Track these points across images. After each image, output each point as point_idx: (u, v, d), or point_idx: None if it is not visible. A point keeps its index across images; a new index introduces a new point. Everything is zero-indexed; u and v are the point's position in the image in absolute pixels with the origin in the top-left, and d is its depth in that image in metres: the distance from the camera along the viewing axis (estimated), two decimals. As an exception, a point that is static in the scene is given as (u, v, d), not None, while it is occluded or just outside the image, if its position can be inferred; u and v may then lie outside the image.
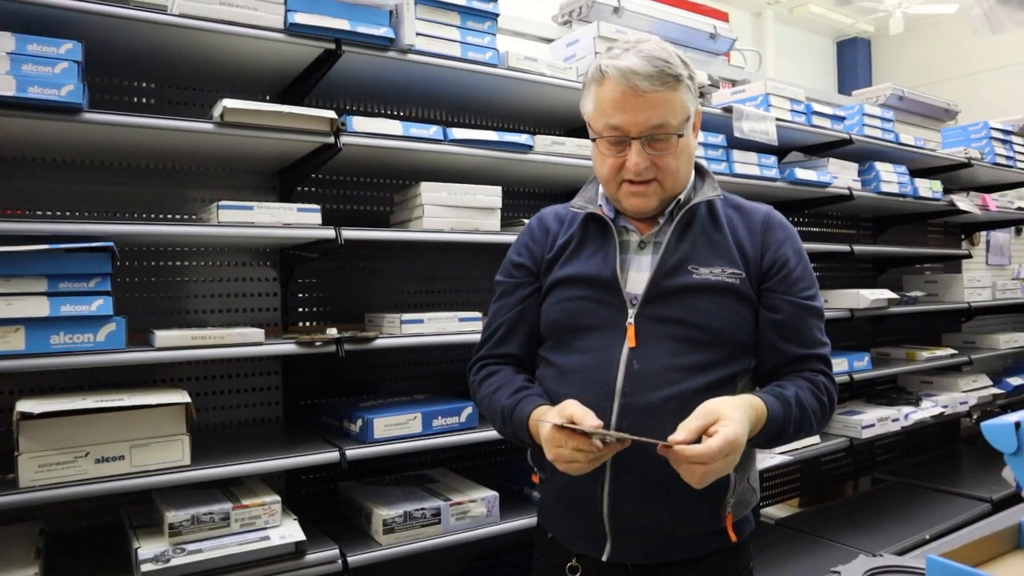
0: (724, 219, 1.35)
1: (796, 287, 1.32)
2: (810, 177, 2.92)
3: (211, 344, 1.78)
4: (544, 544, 1.43)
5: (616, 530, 1.27)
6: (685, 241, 1.31)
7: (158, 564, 1.65)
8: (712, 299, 1.28)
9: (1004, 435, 1.02)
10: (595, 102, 1.27)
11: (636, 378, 1.25)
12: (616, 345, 1.28)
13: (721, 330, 1.27)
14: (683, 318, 1.27)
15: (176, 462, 1.73)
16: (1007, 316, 4.80)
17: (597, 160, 1.32)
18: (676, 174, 1.29)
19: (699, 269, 1.28)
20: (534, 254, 1.42)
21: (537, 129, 2.69)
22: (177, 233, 1.77)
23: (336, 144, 1.91)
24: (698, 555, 1.30)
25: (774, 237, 1.33)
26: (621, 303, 1.29)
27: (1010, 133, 4.04)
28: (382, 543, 1.94)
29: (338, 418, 2.09)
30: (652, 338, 1.27)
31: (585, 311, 1.32)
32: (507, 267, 1.46)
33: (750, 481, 1.35)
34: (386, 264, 2.46)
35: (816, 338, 1.33)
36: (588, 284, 1.33)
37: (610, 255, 1.32)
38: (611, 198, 1.34)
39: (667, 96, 1.23)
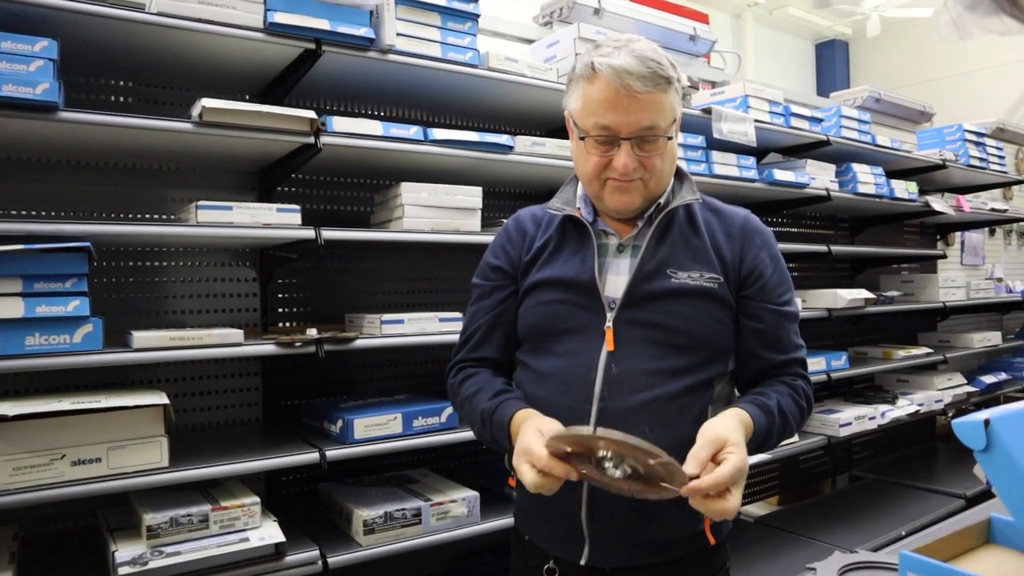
0: (703, 223, 1.34)
1: (774, 293, 1.34)
2: (788, 178, 2.95)
3: (190, 345, 1.76)
4: (521, 546, 1.43)
5: (594, 534, 1.27)
6: (664, 245, 1.30)
7: (136, 567, 1.63)
8: (690, 303, 1.28)
9: (974, 432, 1.04)
10: (583, 100, 1.26)
11: (614, 382, 1.25)
12: (594, 349, 1.27)
13: (699, 334, 1.28)
14: (661, 322, 1.27)
15: (154, 464, 1.72)
16: (981, 315, 4.87)
17: (581, 158, 1.30)
18: (661, 175, 1.29)
19: (677, 273, 1.28)
20: (511, 256, 1.41)
21: (517, 130, 2.69)
22: (155, 233, 1.76)
23: (316, 144, 1.91)
24: (676, 557, 1.30)
25: (752, 243, 1.34)
26: (599, 307, 1.29)
27: (983, 135, 4.10)
28: (362, 544, 1.94)
29: (318, 419, 2.08)
30: (630, 342, 1.27)
31: (563, 314, 1.32)
32: (484, 270, 1.45)
33: None
34: (367, 264, 2.46)
35: (794, 342, 1.35)
36: (566, 287, 1.32)
37: (588, 258, 1.31)
38: (593, 196, 1.34)
39: (658, 98, 1.22)
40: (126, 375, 2.05)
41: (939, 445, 4.36)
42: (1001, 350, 4.32)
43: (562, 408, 1.27)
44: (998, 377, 4.19)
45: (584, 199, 1.38)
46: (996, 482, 1.01)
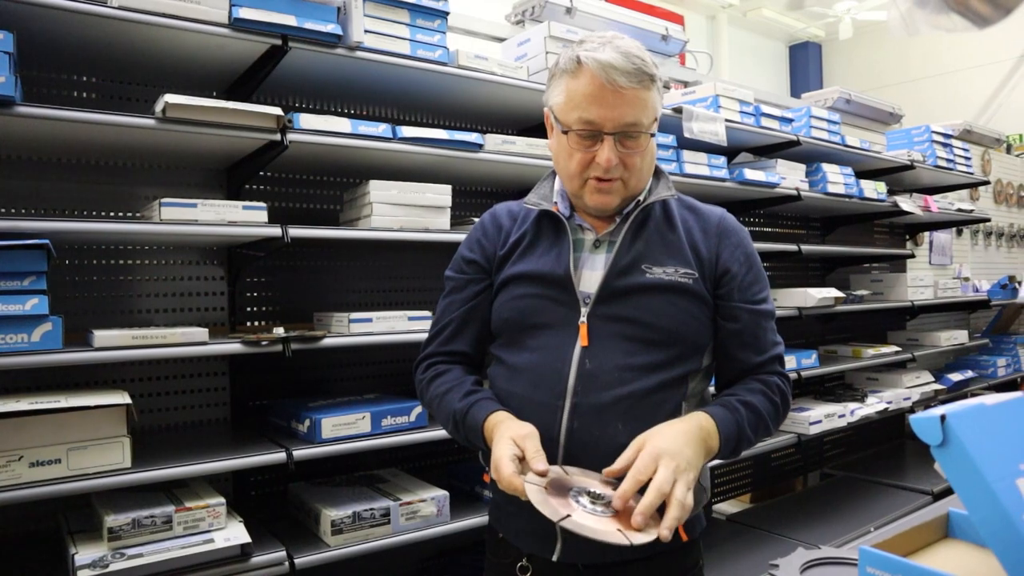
0: (679, 220, 1.35)
1: (750, 292, 1.34)
2: (759, 177, 2.97)
3: (153, 344, 1.74)
4: (495, 544, 1.42)
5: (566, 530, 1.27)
6: (639, 240, 1.31)
7: (96, 570, 1.60)
8: (665, 299, 1.28)
9: (930, 428, 1.05)
10: (567, 94, 1.25)
11: (588, 377, 1.25)
12: (568, 344, 1.27)
13: (673, 330, 1.28)
14: (635, 317, 1.27)
15: (116, 465, 1.69)
16: (949, 314, 4.95)
17: (562, 154, 1.29)
18: (640, 174, 1.29)
19: (652, 269, 1.29)
20: (486, 250, 1.41)
21: (488, 128, 2.69)
22: (117, 231, 1.72)
23: (283, 141, 1.88)
24: (649, 554, 1.27)
25: (728, 241, 1.34)
26: (574, 302, 1.29)
27: (950, 137, 4.17)
28: (330, 544, 1.92)
29: (286, 418, 2.06)
30: (604, 337, 1.26)
31: (537, 309, 1.31)
32: (458, 263, 1.44)
33: (701, 481, 1.34)
34: (336, 264, 2.44)
35: (771, 340, 1.36)
36: (540, 282, 1.32)
37: (564, 253, 1.31)
38: (572, 194, 1.33)
39: (642, 95, 1.22)
40: (90, 375, 2.02)
41: (908, 442, 4.42)
42: (968, 348, 4.40)
43: (535, 403, 1.27)
44: (965, 375, 4.26)
45: (561, 194, 1.37)
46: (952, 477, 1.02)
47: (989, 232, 5.51)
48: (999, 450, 1.05)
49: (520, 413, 1.29)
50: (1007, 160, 5.75)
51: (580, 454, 1.23)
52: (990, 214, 4.78)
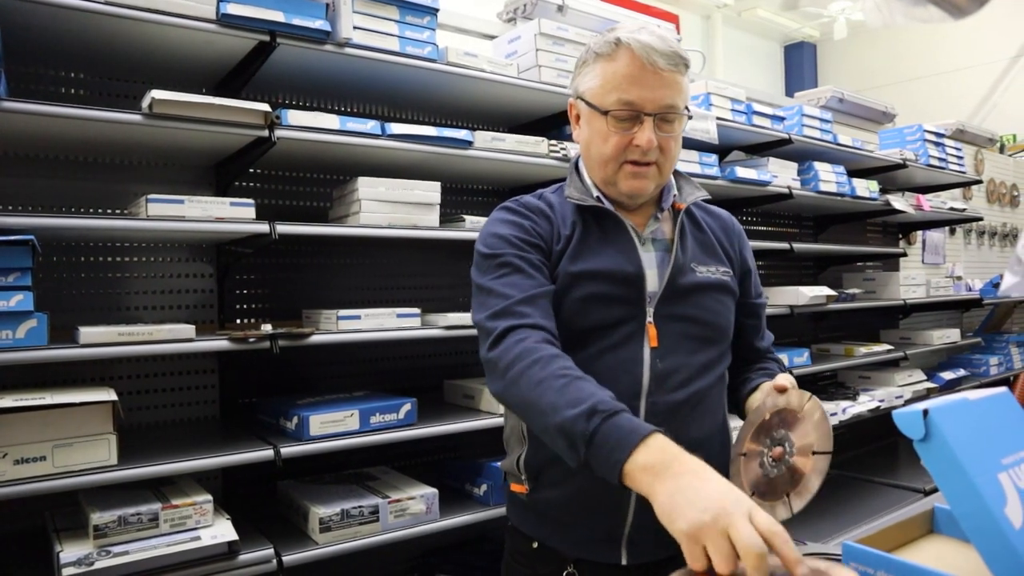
0: (702, 220, 1.39)
1: (758, 287, 1.48)
2: (750, 175, 2.97)
3: (140, 341, 1.73)
4: (530, 554, 1.35)
5: (639, 533, 1.25)
6: (687, 239, 1.34)
7: (81, 568, 1.59)
8: (715, 297, 1.33)
9: (913, 422, 1.05)
10: (603, 77, 1.23)
11: (661, 377, 1.25)
12: (637, 343, 1.26)
13: (723, 327, 1.34)
14: (696, 316, 1.30)
15: (102, 462, 1.69)
16: (942, 313, 4.95)
17: (596, 139, 1.26)
18: (674, 160, 1.29)
19: (698, 268, 1.32)
20: (545, 239, 1.29)
21: (478, 126, 2.68)
22: (103, 227, 1.72)
23: (271, 138, 1.88)
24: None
25: (744, 242, 1.44)
26: (641, 300, 1.27)
27: (943, 136, 4.17)
28: (319, 542, 1.91)
29: (274, 416, 2.05)
30: (671, 337, 1.28)
31: (603, 307, 1.27)
32: (511, 242, 1.26)
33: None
34: (326, 261, 2.43)
35: (767, 331, 1.50)
36: (609, 279, 1.27)
37: (632, 251, 1.28)
38: (605, 180, 1.28)
39: (678, 78, 1.23)
40: (77, 373, 2.01)
41: (900, 441, 4.41)
42: (961, 347, 4.40)
43: None
44: (957, 373, 4.26)
45: (598, 190, 1.32)
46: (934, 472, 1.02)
47: (982, 231, 5.52)
48: (981, 445, 1.05)
49: None
50: (1000, 160, 5.76)
51: None
52: (983, 213, 4.79)
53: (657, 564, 1.27)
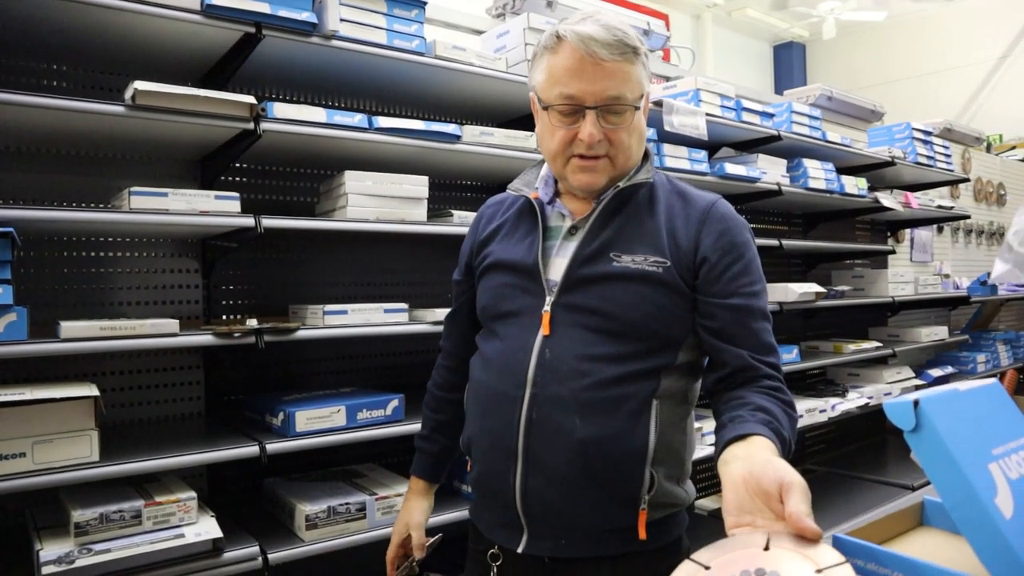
0: (663, 206, 1.28)
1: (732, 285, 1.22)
2: (739, 172, 2.96)
3: (122, 335, 1.70)
4: (473, 533, 1.42)
5: (531, 521, 1.25)
6: (609, 227, 1.26)
7: (61, 566, 1.57)
8: (629, 288, 1.21)
9: (903, 413, 1.04)
10: (548, 71, 1.21)
11: (547, 368, 1.22)
12: (531, 333, 1.25)
13: (637, 321, 1.21)
14: (598, 307, 1.22)
15: (84, 459, 1.66)
16: (930, 311, 4.97)
17: (545, 134, 1.26)
18: (628, 151, 1.24)
19: (621, 257, 1.23)
20: (472, 245, 1.44)
21: (466, 121, 2.67)
22: (85, 219, 1.69)
23: (256, 130, 1.86)
24: (614, 554, 1.25)
25: (711, 228, 1.25)
26: (541, 290, 1.26)
27: (930, 134, 4.19)
28: (305, 539, 1.89)
29: (260, 412, 2.03)
30: (566, 326, 1.23)
31: (507, 297, 1.30)
32: (460, 263, 1.50)
33: (679, 483, 1.29)
34: (313, 257, 2.41)
35: (762, 342, 1.22)
36: (512, 270, 1.31)
37: (535, 241, 1.29)
38: (558, 175, 1.30)
39: (624, 68, 1.18)
40: (60, 369, 1.98)
41: (889, 438, 4.44)
42: (948, 344, 4.42)
43: (498, 393, 1.26)
44: (945, 371, 4.28)
45: (545, 180, 1.35)
46: (925, 462, 1.01)
47: (969, 230, 5.54)
48: (972, 435, 1.04)
49: (486, 403, 1.29)
50: (987, 159, 5.79)
51: (539, 447, 1.21)
52: (970, 212, 4.81)
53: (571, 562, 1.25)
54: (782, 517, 0.88)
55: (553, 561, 1.27)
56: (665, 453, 1.24)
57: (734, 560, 0.89)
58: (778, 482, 0.90)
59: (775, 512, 0.90)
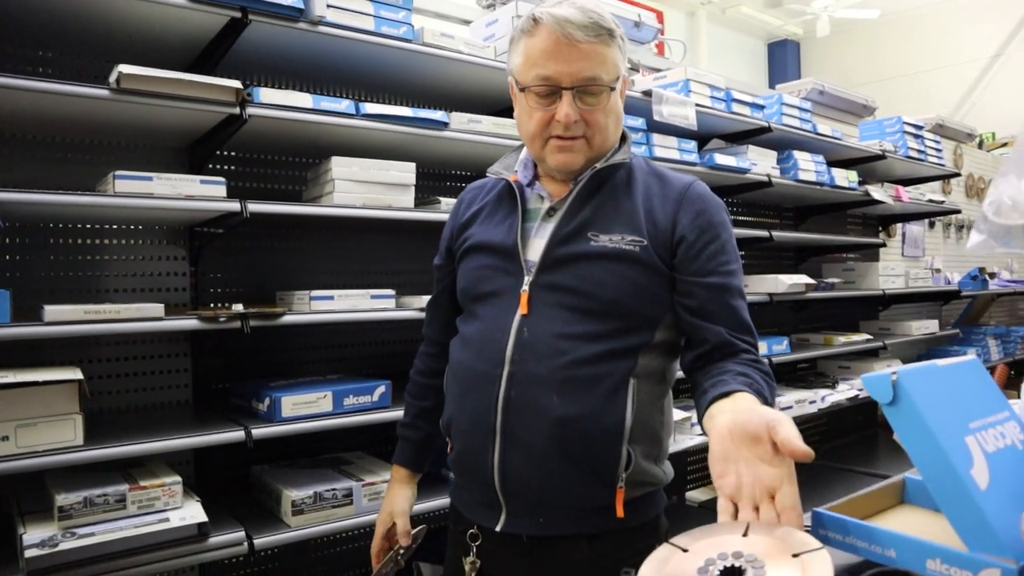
0: (641, 186, 1.30)
1: (710, 264, 1.24)
2: (729, 163, 2.97)
3: (106, 319, 1.70)
4: (453, 514, 1.43)
5: (509, 500, 1.26)
6: (587, 207, 1.28)
7: (45, 549, 1.56)
8: (608, 268, 1.23)
9: (881, 386, 1.04)
10: (525, 53, 1.23)
11: (525, 346, 1.23)
12: (510, 312, 1.26)
13: (615, 300, 1.23)
14: (575, 287, 1.23)
15: (68, 442, 1.65)
16: (922, 305, 4.98)
17: (523, 116, 1.28)
18: (605, 132, 1.26)
19: (599, 236, 1.25)
20: (452, 229, 1.45)
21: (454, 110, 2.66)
22: (68, 203, 1.68)
23: (242, 115, 1.85)
24: (593, 532, 1.26)
25: (688, 208, 1.26)
26: (520, 271, 1.27)
27: (921, 128, 4.20)
28: (291, 525, 1.89)
29: (246, 398, 2.03)
30: (544, 306, 1.24)
31: (487, 278, 1.32)
32: (440, 248, 1.50)
33: (656, 462, 1.31)
34: (301, 245, 2.40)
35: (740, 320, 1.25)
36: (492, 252, 1.32)
37: (514, 222, 1.31)
38: (536, 157, 1.31)
39: (600, 49, 1.20)
40: (45, 355, 1.97)
41: (880, 432, 4.44)
42: (939, 338, 4.43)
43: (477, 372, 1.27)
44: (936, 364, 4.29)
45: (524, 163, 1.36)
46: (902, 435, 1.02)
47: (961, 225, 5.56)
48: (949, 409, 1.05)
49: (465, 383, 1.30)
50: (978, 155, 5.81)
51: (517, 425, 1.22)
52: (962, 207, 4.82)
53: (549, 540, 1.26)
54: (772, 459, 0.90)
55: (532, 539, 1.27)
56: (642, 431, 1.25)
57: (712, 544, 0.90)
58: (765, 424, 0.92)
59: (765, 457, 0.91)
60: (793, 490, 0.91)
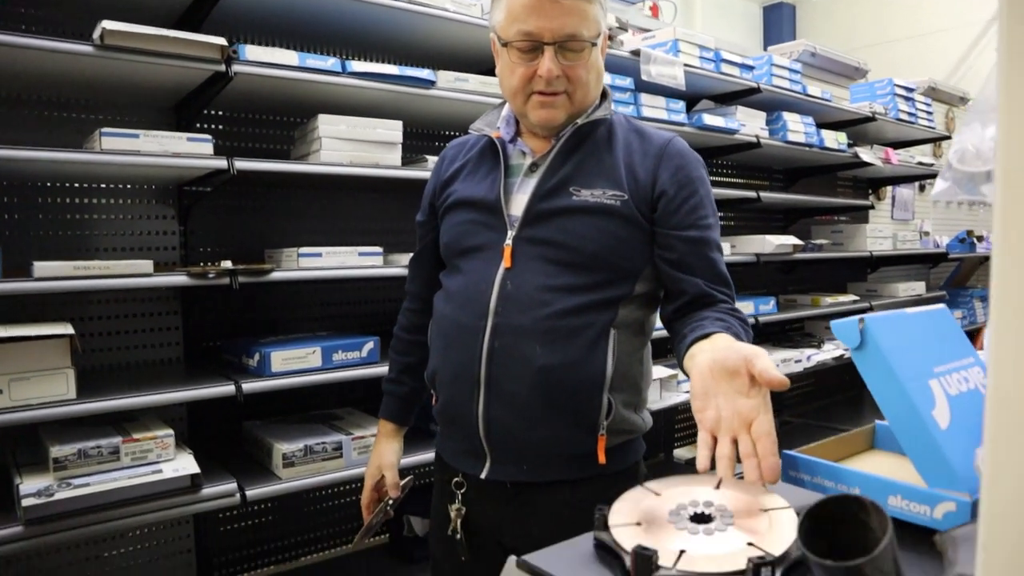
0: (621, 142, 1.32)
1: (689, 217, 1.27)
2: (718, 123, 2.97)
3: (96, 275, 1.71)
4: (438, 463, 1.46)
5: (493, 448, 1.30)
6: (569, 162, 1.30)
7: (41, 498, 1.60)
8: (589, 221, 1.25)
9: (849, 331, 1.07)
10: (507, 9, 1.24)
11: (508, 298, 1.26)
12: (493, 266, 1.28)
13: (596, 253, 1.25)
14: (558, 240, 1.26)
15: (61, 396, 1.69)
16: (910, 268, 5.03)
17: (505, 72, 1.29)
18: (586, 87, 1.27)
19: (580, 191, 1.27)
20: (435, 186, 1.46)
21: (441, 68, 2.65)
22: (55, 159, 1.68)
23: (228, 73, 1.85)
24: (575, 478, 1.30)
25: (668, 164, 1.29)
26: (503, 225, 1.30)
27: (912, 91, 4.19)
28: (282, 477, 1.93)
29: (237, 354, 2.06)
30: (527, 259, 1.27)
31: (470, 233, 1.34)
32: (422, 205, 1.51)
33: (636, 411, 1.35)
34: (289, 204, 2.42)
35: (718, 272, 1.28)
36: (475, 207, 1.34)
37: (496, 178, 1.32)
38: (518, 113, 1.33)
39: (581, 6, 1.22)
40: (37, 313, 1.99)
41: (865, 393, 4.48)
42: (926, 300, 4.47)
43: (461, 325, 1.29)
44: (922, 325, 4.33)
45: (507, 119, 1.38)
46: (868, 378, 1.05)
47: (951, 188, 5.57)
48: (915, 353, 1.08)
49: (449, 335, 1.32)
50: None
51: (501, 375, 1.25)
52: (951, 169, 4.82)
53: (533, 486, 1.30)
54: (749, 391, 0.96)
55: (515, 486, 1.31)
56: (622, 381, 1.29)
57: (685, 492, 0.94)
58: (742, 358, 0.97)
59: (742, 390, 0.97)
60: (769, 419, 0.95)
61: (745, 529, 0.83)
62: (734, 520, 0.86)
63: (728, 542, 0.81)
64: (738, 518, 0.86)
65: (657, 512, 0.91)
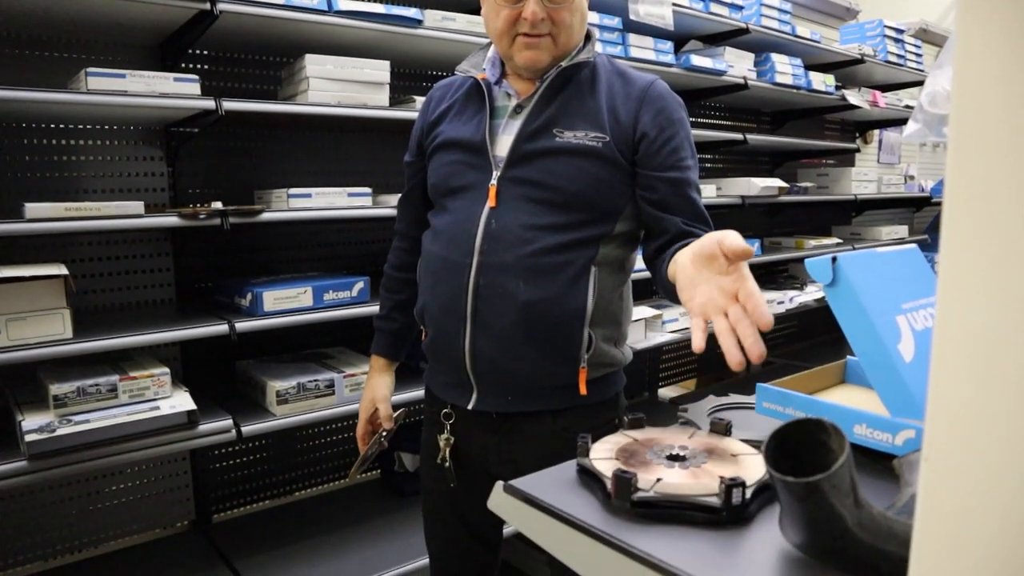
0: (604, 85, 1.34)
1: (670, 159, 1.30)
2: (706, 64, 2.97)
3: (87, 216, 1.73)
4: (427, 396, 1.52)
5: (479, 380, 1.35)
6: (552, 105, 1.32)
7: (43, 434, 1.65)
8: (572, 162, 1.29)
9: (822, 268, 1.12)
10: None
11: (493, 237, 1.30)
12: (479, 205, 1.32)
13: (579, 193, 1.29)
14: (541, 180, 1.29)
15: (57, 335, 1.72)
16: (895, 211, 5.08)
17: (491, 14, 1.31)
18: (570, 30, 1.30)
19: (564, 133, 1.30)
20: (422, 127, 1.48)
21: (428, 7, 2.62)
22: (39, 99, 1.67)
23: (213, 10, 1.84)
24: (557, 408, 1.36)
25: (650, 106, 1.31)
26: (488, 166, 1.33)
27: (903, 32, 4.17)
28: (276, 413, 1.99)
29: (229, 295, 2.09)
30: (512, 199, 1.30)
31: (457, 173, 1.37)
32: (410, 146, 1.53)
33: (616, 345, 1.40)
34: (278, 145, 2.42)
35: (698, 211, 1.33)
36: (461, 148, 1.37)
37: (482, 119, 1.35)
38: (503, 55, 1.34)
39: None
40: (29, 256, 2.01)
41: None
42: (907, 243, 4.53)
43: (448, 262, 1.33)
44: (903, 268, 4.41)
45: (492, 61, 1.40)
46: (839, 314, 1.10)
47: (938, 132, 5.58)
48: (884, 290, 1.13)
49: (437, 272, 1.36)
50: (961, 60, 5.76)
51: (486, 310, 1.30)
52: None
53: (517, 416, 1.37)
54: (728, 269, 1.02)
55: (500, 416, 1.38)
56: (602, 316, 1.34)
57: (661, 439, 1.00)
58: (715, 241, 1.03)
59: (721, 270, 1.03)
60: (751, 284, 1.02)
61: (718, 468, 0.90)
62: (709, 462, 0.92)
63: (702, 475, 0.88)
64: (712, 460, 0.93)
65: (636, 450, 0.97)
